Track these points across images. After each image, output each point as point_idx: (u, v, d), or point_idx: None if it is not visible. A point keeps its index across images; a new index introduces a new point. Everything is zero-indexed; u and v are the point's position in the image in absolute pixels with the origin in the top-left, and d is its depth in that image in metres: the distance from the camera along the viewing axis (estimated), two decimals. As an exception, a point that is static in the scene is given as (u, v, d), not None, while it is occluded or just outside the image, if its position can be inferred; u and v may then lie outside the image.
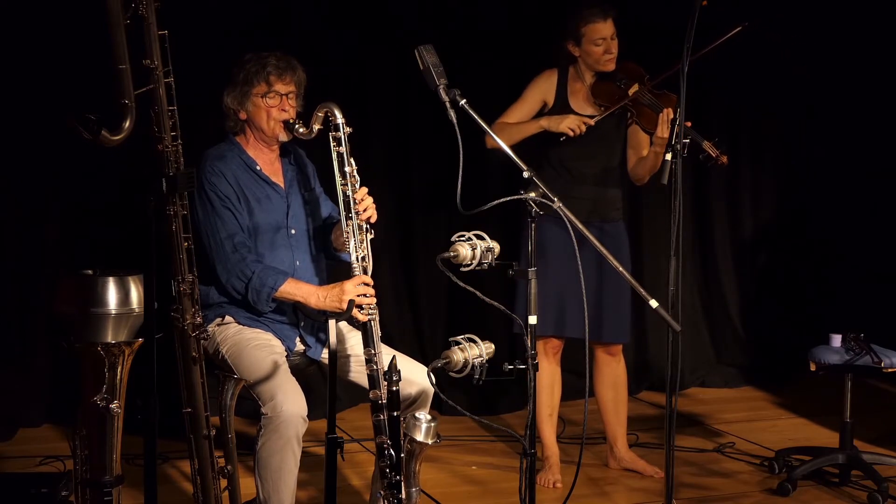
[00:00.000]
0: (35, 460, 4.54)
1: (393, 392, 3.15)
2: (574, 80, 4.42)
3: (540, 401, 4.47)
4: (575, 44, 4.34)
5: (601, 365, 4.57)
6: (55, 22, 4.85)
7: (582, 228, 3.09)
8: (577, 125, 4.24)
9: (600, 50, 4.30)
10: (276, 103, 3.55)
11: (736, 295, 6.46)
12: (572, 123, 4.25)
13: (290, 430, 3.23)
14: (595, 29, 4.28)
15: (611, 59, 4.32)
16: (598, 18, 4.27)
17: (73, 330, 3.02)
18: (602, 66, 4.33)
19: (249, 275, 3.44)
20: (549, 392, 4.50)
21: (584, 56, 4.35)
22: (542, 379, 4.45)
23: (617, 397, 4.58)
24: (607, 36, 4.29)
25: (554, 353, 4.49)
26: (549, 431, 4.51)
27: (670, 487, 3.53)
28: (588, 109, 4.38)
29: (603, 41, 4.29)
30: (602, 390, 4.59)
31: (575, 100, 4.40)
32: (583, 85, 4.40)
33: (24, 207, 5.06)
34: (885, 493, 4.17)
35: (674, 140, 3.57)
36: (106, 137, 2.63)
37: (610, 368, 4.56)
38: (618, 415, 4.60)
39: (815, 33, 6.23)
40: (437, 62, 3.06)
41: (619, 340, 4.54)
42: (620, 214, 4.53)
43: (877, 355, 4.28)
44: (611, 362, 4.56)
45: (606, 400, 4.59)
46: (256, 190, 3.58)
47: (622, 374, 4.59)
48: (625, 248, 4.49)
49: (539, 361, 4.41)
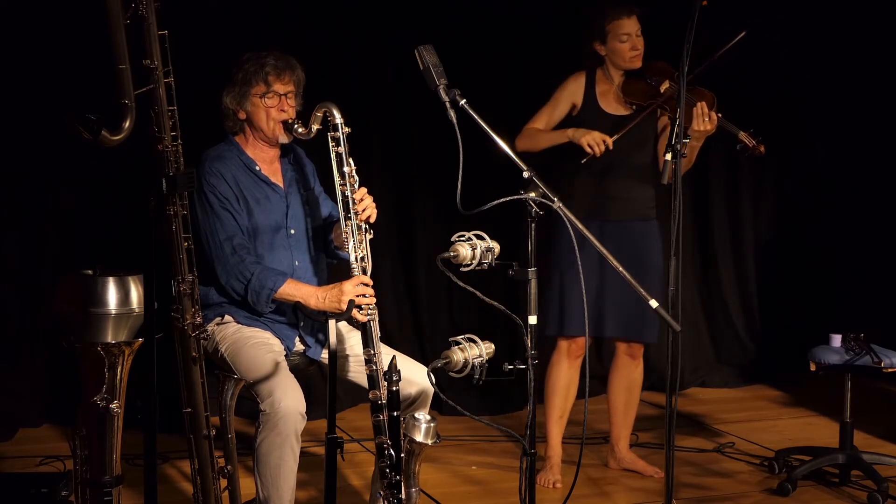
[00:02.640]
0: (35, 460, 4.54)
1: (393, 392, 3.15)
2: (602, 81, 4.44)
3: (553, 403, 4.46)
4: (601, 42, 4.37)
5: (619, 366, 4.57)
6: (55, 22, 4.85)
7: (582, 228, 3.08)
8: (598, 144, 4.23)
9: (626, 46, 4.32)
10: (274, 103, 3.55)
11: (736, 295, 6.46)
12: (594, 140, 4.24)
13: (288, 427, 3.23)
14: (620, 25, 4.31)
15: (636, 55, 4.34)
16: (623, 15, 4.31)
17: (73, 330, 3.02)
18: (628, 63, 4.35)
19: (248, 276, 3.44)
20: (563, 395, 4.48)
21: (610, 54, 4.37)
22: (559, 381, 4.45)
23: (629, 400, 4.58)
24: (632, 32, 4.31)
25: (577, 356, 4.46)
26: (556, 433, 4.50)
27: (670, 487, 3.53)
28: (619, 109, 4.40)
29: (628, 37, 4.31)
30: (616, 391, 4.59)
31: (604, 100, 4.42)
32: (611, 85, 4.42)
33: (25, 207, 5.06)
34: (885, 493, 4.17)
35: (674, 140, 3.58)
36: (106, 137, 2.63)
37: (628, 371, 4.56)
38: (626, 417, 4.60)
39: (813, 33, 6.24)
40: (437, 62, 3.05)
41: (649, 340, 4.54)
42: (654, 213, 4.52)
43: (877, 355, 4.28)
44: (629, 364, 4.56)
45: (618, 401, 4.59)
46: (255, 190, 3.58)
47: (639, 378, 4.60)
48: (658, 246, 4.48)
49: (559, 363, 4.44)
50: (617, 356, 4.57)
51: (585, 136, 4.26)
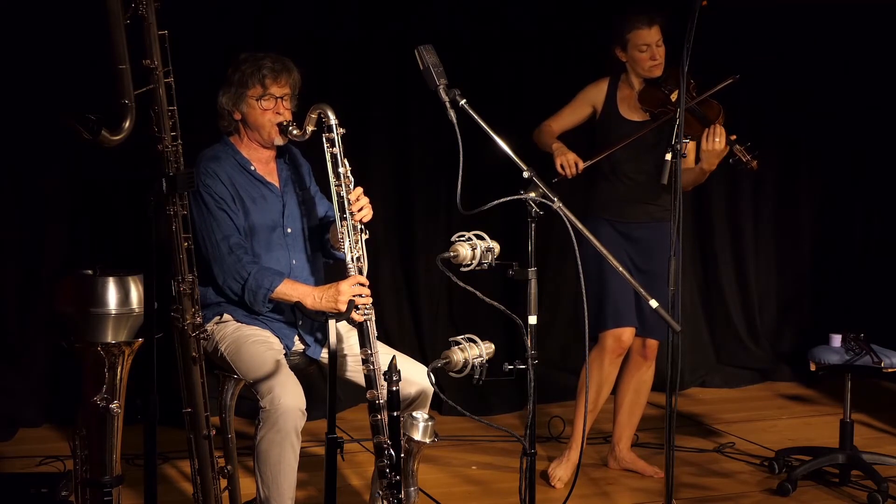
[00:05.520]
0: (35, 460, 4.54)
1: (393, 392, 3.15)
2: (624, 86, 4.46)
3: (584, 398, 4.33)
4: (622, 49, 4.39)
5: (631, 366, 4.56)
6: (55, 22, 4.85)
7: (582, 228, 3.08)
8: (570, 166, 4.28)
9: (645, 56, 4.33)
10: (270, 106, 3.54)
11: (736, 295, 6.46)
12: (567, 161, 4.29)
13: (288, 424, 3.23)
14: (640, 35, 4.31)
15: (655, 65, 4.34)
16: (644, 25, 4.30)
17: (73, 330, 3.02)
18: (647, 72, 4.36)
19: (245, 276, 3.44)
20: (595, 391, 4.45)
21: (630, 62, 4.39)
22: (592, 376, 4.41)
23: (636, 401, 4.58)
24: (652, 43, 4.31)
25: (618, 354, 4.43)
26: (580, 426, 4.43)
27: (670, 487, 3.53)
28: (635, 115, 4.41)
29: (647, 48, 4.32)
30: (624, 390, 4.58)
31: (624, 106, 4.45)
32: (631, 91, 4.44)
33: (25, 207, 5.06)
34: (885, 493, 4.17)
35: (674, 140, 3.59)
36: (106, 137, 2.64)
37: (640, 372, 4.56)
38: (631, 417, 4.60)
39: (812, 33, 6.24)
40: (437, 62, 3.05)
41: (659, 338, 4.52)
42: (669, 214, 4.53)
43: (877, 355, 4.28)
44: (641, 366, 4.55)
45: (624, 401, 4.59)
46: (251, 190, 3.58)
47: (649, 379, 4.59)
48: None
49: (600, 357, 4.40)
50: (630, 356, 4.56)
51: (560, 157, 4.32)
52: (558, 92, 4.65)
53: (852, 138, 6.47)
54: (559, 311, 6.00)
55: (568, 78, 4.81)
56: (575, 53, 5.67)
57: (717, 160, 4.24)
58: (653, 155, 4.36)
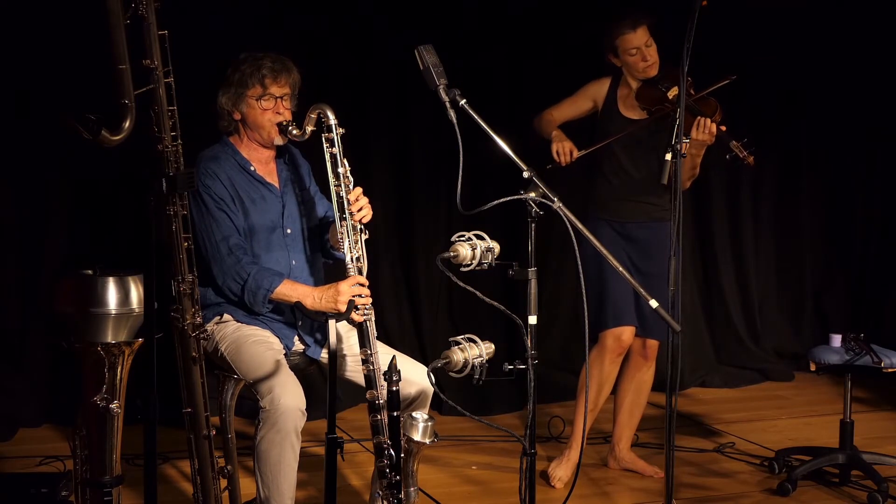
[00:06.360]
0: (35, 460, 4.53)
1: (393, 392, 3.15)
2: (624, 86, 4.48)
3: (584, 398, 4.35)
4: (614, 56, 4.40)
5: (631, 367, 4.56)
6: (55, 22, 4.85)
7: (582, 228, 3.08)
8: (565, 154, 4.32)
9: (637, 59, 4.34)
10: (270, 106, 3.54)
11: (736, 295, 6.46)
12: (562, 148, 4.33)
13: (288, 424, 3.23)
14: (626, 39, 4.32)
15: (648, 65, 4.35)
16: (628, 30, 4.31)
17: (73, 330, 3.01)
18: (642, 73, 4.37)
19: (245, 277, 3.44)
20: (596, 390, 4.46)
21: (624, 66, 4.41)
22: (593, 376, 4.41)
23: (636, 401, 4.58)
24: (640, 45, 4.32)
25: (618, 353, 4.44)
26: (580, 426, 4.44)
27: (670, 487, 3.53)
28: (634, 114, 4.42)
29: (637, 50, 4.33)
30: (624, 390, 4.58)
31: (623, 105, 4.46)
32: (630, 91, 4.45)
33: (25, 207, 5.06)
34: (885, 493, 4.17)
35: (674, 140, 3.59)
36: (106, 137, 2.63)
37: (640, 373, 4.56)
38: (631, 417, 4.60)
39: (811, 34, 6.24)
40: (437, 62, 3.05)
41: (659, 338, 4.52)
42: (668, 214, 4.54)
43: (877, 355, 4.28)
44: (642, 366, 4.55)
45: (624, 401, 4.58)
46: (251, 190, 3.57)
47: (649, 380, 4.59)
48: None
49: (600, 357, 4.40)
50: (630, 356, 4.56)
51: (556, 143, 4.35)
52: (558, 92, 4.65)
53: (852, 138, 6.47)
54: (559, 311, 6.00)
55: (568, 78, 4.81)
56: (575, 52, 5.67)
57: (702, 149, 4.27)
58: (653, 155, 4.37)
